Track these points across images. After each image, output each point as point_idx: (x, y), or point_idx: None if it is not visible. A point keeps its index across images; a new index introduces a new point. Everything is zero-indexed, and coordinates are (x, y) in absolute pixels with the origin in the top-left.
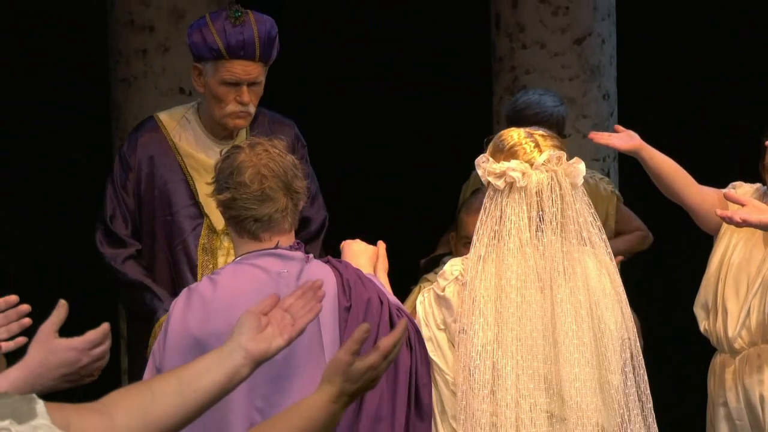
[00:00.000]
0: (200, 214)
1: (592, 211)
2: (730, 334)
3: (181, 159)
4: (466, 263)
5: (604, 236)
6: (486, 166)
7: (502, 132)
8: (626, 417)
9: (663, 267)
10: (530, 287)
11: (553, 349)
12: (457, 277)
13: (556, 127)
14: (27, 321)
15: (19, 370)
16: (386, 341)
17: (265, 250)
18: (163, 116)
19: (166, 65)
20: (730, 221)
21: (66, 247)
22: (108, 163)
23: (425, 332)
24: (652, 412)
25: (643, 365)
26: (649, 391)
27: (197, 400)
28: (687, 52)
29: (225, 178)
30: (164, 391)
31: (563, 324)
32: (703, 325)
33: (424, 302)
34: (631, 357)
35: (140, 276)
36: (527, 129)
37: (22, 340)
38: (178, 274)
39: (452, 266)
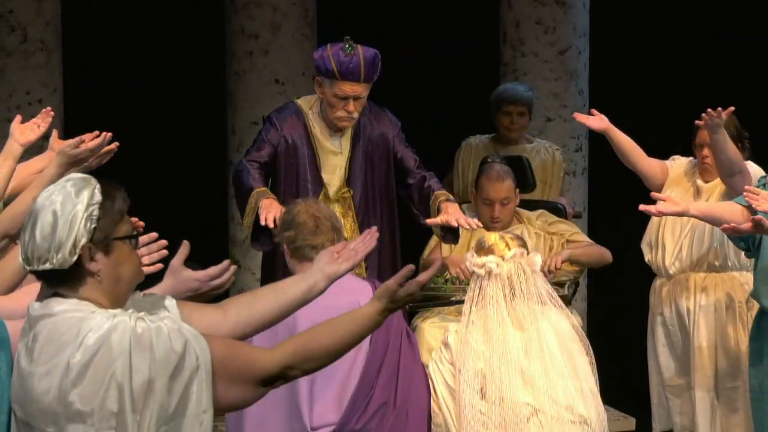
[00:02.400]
0: (321, 184)
1: (548, 286)
2: (666, 263)
3: (313, 139)
4: (460, 325)
5: (558, 298)
6: (472, 260)
7: (483, 234)
8: (603, 412)
9: (621, 216)
10: (509, 330)
11: (530, 365)
12: (456, 330)
13: (526, 105)
14: (164, 252)
15: (157, 290)
16: (423, 276)
17: None
18: (301, 103)
19: (267, 63)
20: (648, 212)
21: (186, 204)
22: (222, 134)
23: (439, 366)
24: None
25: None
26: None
27: (287, 302)
28: (641, 61)
29: (288, 222)
30: (264, 294)
31: (535, 351)
32: (647, 257)
33: (436, 357)
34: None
35: (251, 169)
36: (500, 233)
37: (159, 266)
38: None
39: (453, 325)
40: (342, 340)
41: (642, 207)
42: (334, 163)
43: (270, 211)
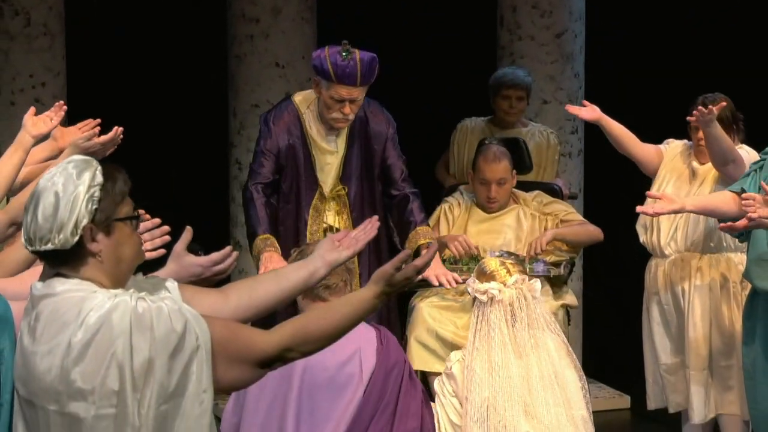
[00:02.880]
0: (316, 183)
1: (546, 311)
2: (662, 243)
3: (309, 139)
4: (465, 352)
5: (557, 324)
6: (474, 285)
7: (483, 260)
8: None
9: (616, 197)
10: (510, 358)
11: (531, 396)
12: (459, 359)
13: (525, 90)
14: (167, 238)
15: (160, 275)
16: (420, 260)
17: None
18: (298, 100)
19: (267, 47)
20: (644, 213)
21: (189, 184)
22: (224, 117)
23: (442, 400)
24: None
25: (590, 402)
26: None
27: (288, 287)
28: (636, 44)
29: None
30: (265, 278)
31: (535, 381)
32: (642, 238)
33: (440, 381)
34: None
35: (257, 203)
36: (500, 259)
37: (161, 251)
38: (300, 223)
39: (455, 354)
40: (339, 323)
41: (639, 208)
42: (330, 161)
43: (269, 266)
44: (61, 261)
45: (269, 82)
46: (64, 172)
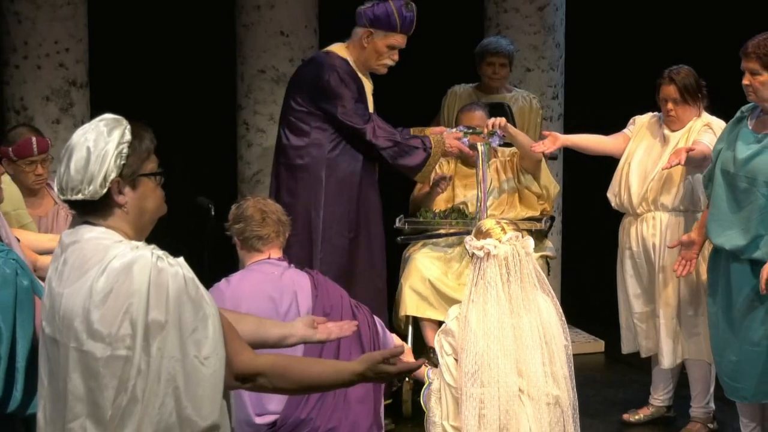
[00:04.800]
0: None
1: (537, 268)
2: (634, 203)
3: (361, 82)
4: (462, 306)
5: (546, 281)
6: (472, 243)
7: (481, 221)
8: (571, 393)
9: (593, 158)
10: (504, 315)
11: (520, 352)
12: (456, 316)
13: (508, 57)
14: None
15: None
16: (403, 366)
17: (263, 260)
18: (342, 53)
19: (272, 16)
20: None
21: (198, 143)
22: (232, 81)
23: (441, 360)
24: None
25: (572, 359)
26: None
27: (262, 336)
28: (613, 15)
29: (238, 216)
30: (249, 320)
31: (525, 337)
32: (613, 203)
33: (438, 338)
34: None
35: (388, 130)
36: (496, 219)
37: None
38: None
39: (453, 310)
40: (316, 378)
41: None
42: (368, 96)
43: (452, 142)
44: (90, 210)
45: (274, 49)
46: (95, 129)
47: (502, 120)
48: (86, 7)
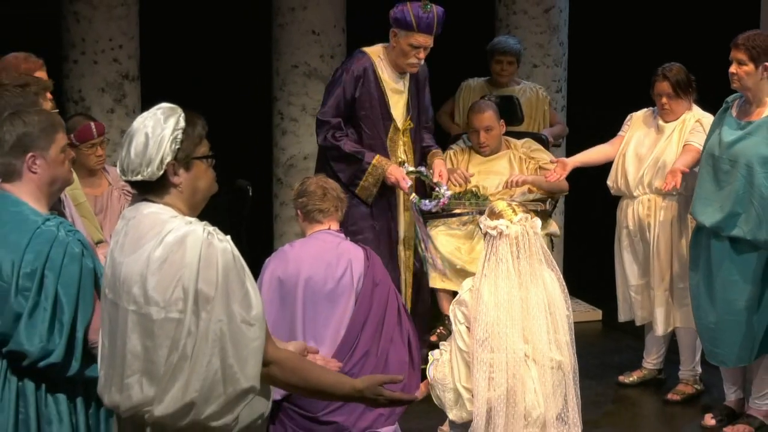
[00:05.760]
0: (390, 117)
1: (544, 246)
2: (631, 187)
3: (381, 82)
4: (475, 279)
5: (551, 257)
6: (485, 222)
7: (493, 203)
8: (572, 358)
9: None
10: (513, 288)
11: (527, 321)
12: (470, 288)
13: (515, 55)
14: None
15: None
16: (400, 396)
17: (323, 230)
18: (369, 51)
19: (305, 17)
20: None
21: (237, 132)
22: (268, 75)
23: (454, 328)
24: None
25: (573, 327)
26: (574, 338)
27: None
28: (613, 16)
29: (302, 191)
30: (308, 364)
31: (532, 308)
32: (612, 190)
33: (453, 308)
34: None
35: (346, 142)
36: (508, 201)
37: None
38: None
39: (467, 283)
40: (321, 384)
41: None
42: (398, 100)
43: (397, 175)
44: (148, 189)
45: (306, 46)
46: (153, 116)
47: (519, 177)
48: (138, 7)
